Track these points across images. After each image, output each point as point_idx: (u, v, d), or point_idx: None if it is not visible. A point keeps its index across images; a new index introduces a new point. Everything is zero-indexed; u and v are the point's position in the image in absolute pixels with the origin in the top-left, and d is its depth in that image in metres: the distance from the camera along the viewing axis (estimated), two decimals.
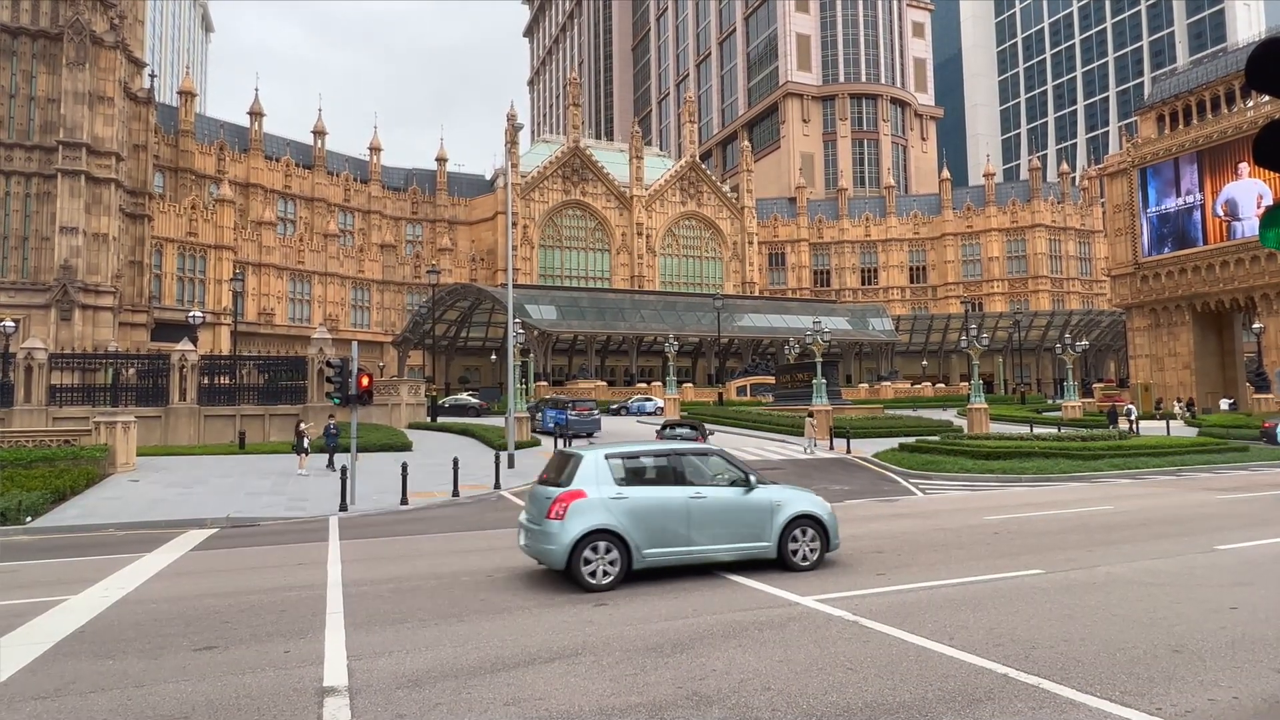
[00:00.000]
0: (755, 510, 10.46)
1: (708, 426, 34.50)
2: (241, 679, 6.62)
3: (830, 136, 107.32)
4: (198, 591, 10.21)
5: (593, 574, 9.59)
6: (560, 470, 10.41)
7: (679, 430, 31.24)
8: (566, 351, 74.42)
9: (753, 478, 10.78)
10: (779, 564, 10.48)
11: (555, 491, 9.97)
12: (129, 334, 51.96)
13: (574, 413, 37.58)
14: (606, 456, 10.28)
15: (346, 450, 23.69)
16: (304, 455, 24.00)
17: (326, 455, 25.59)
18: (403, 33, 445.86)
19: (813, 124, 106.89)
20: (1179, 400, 52.92)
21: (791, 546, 10.51)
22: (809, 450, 30.47)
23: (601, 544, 9.65)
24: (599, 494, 9.84)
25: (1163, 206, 57.46)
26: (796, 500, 10.83)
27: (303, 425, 24.99)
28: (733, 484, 10.66)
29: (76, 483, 20.05)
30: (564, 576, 10.04)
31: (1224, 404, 50.02)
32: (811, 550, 10.62)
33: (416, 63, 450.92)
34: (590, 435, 36.81)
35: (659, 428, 33.92)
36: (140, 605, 9.49)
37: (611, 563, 9.68)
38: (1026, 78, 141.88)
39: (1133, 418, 40.17)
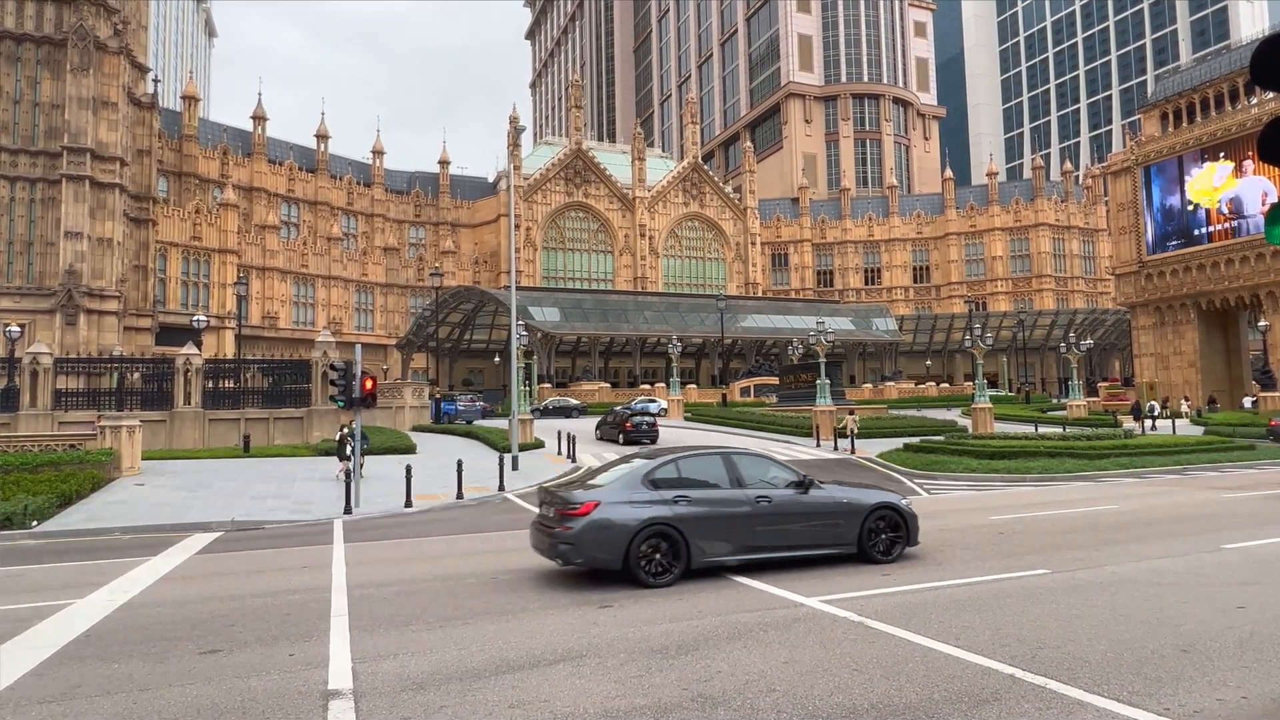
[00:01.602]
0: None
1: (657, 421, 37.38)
2: (246, 682, 6.62)
3: (833, 137, 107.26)
4: (203, 595, 10.22)
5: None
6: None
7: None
8: (570, 353, 74.45)
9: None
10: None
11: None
12: (133, 338, 52.13)
13: (461, 404, 48.15)
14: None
15: (366, 454, 23.70)
16: (347, 461, 22.79)
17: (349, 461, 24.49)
18: (404, 36, 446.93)
19: (815, 124, 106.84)
20: (1186, 399, 52.75)
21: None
22: (845, 449, 30.94)
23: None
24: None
25: (1167, 204, 57.31)
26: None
27: (344, 430, 23.52)
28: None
29: (82, 487, 20.10)
30: (570, 577, 10.00)
31: (1246, 402, 49.65)
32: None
33: (418, 66, 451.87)
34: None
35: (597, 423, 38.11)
36: (146, 609, 9.50)
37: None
38: (1029, 76, 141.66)
39: (1155, 414, 40.15)
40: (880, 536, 10.93)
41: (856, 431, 31.64)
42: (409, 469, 20.15)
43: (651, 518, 9.82)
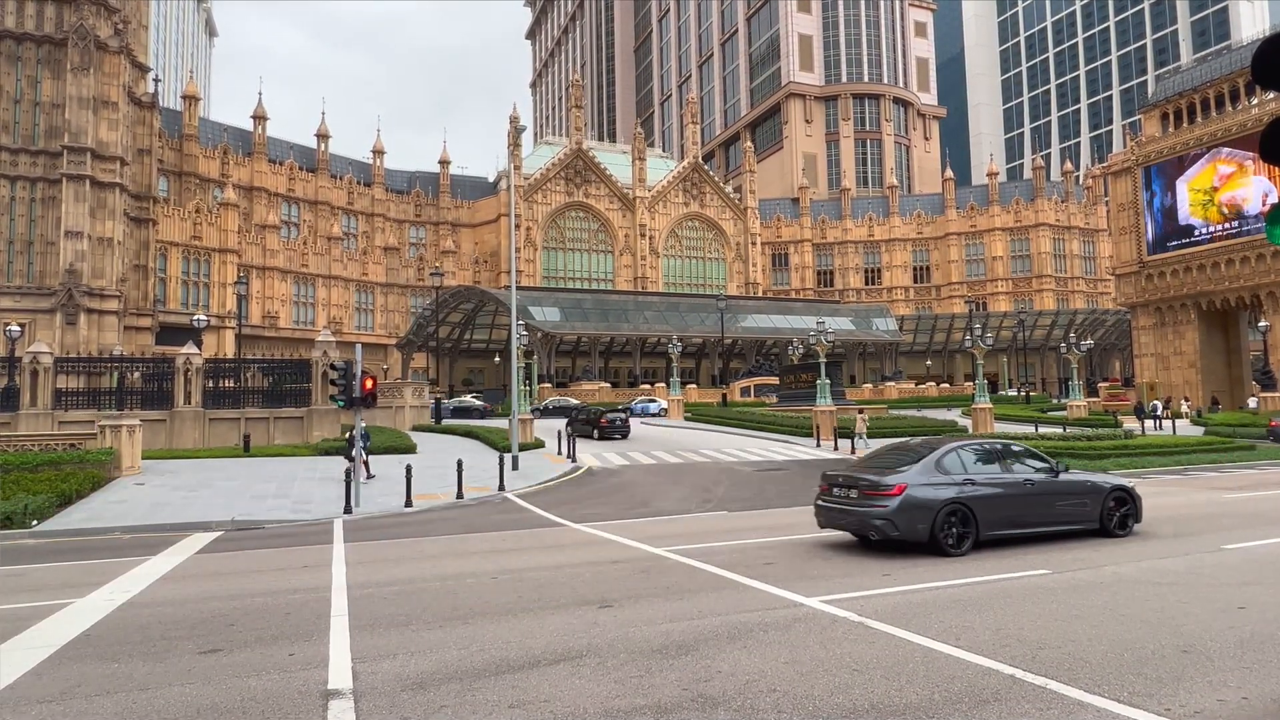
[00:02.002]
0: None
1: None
2: (246, 682, 6.61)
3: (833, 136, 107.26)
4: (203, 594, 10.22)
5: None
6: None
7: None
8: (570, 353, 74.45)
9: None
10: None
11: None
12: (134, 338, 52.14)
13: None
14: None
15: (371, 453, 23.53)
16: (365, 461, 22.57)
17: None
18: (404, 36, 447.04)
19: (815, 124, 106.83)
20: (1186, 399, 52.73)
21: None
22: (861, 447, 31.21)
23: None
24: None
25: (1167, 204, 57.29)
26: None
27: (362, 426, 22.66)
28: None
29: (82, 486, 20.10)
30: (571, 579, 9.97)
31: (1251, 402, 49.67)
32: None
33: (419, 66, 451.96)
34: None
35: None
36: (146, 608, 9.50)
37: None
38: (1029, 76, 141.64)
39: (1159, 413, 40.10)
40: (1115, 514, 12.54)
41: (865, 432, 31.75)
42: (409, 469, 20.15)
43: (951, 498, 11.29)
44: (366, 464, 22.84)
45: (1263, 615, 7.81)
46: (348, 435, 23.47)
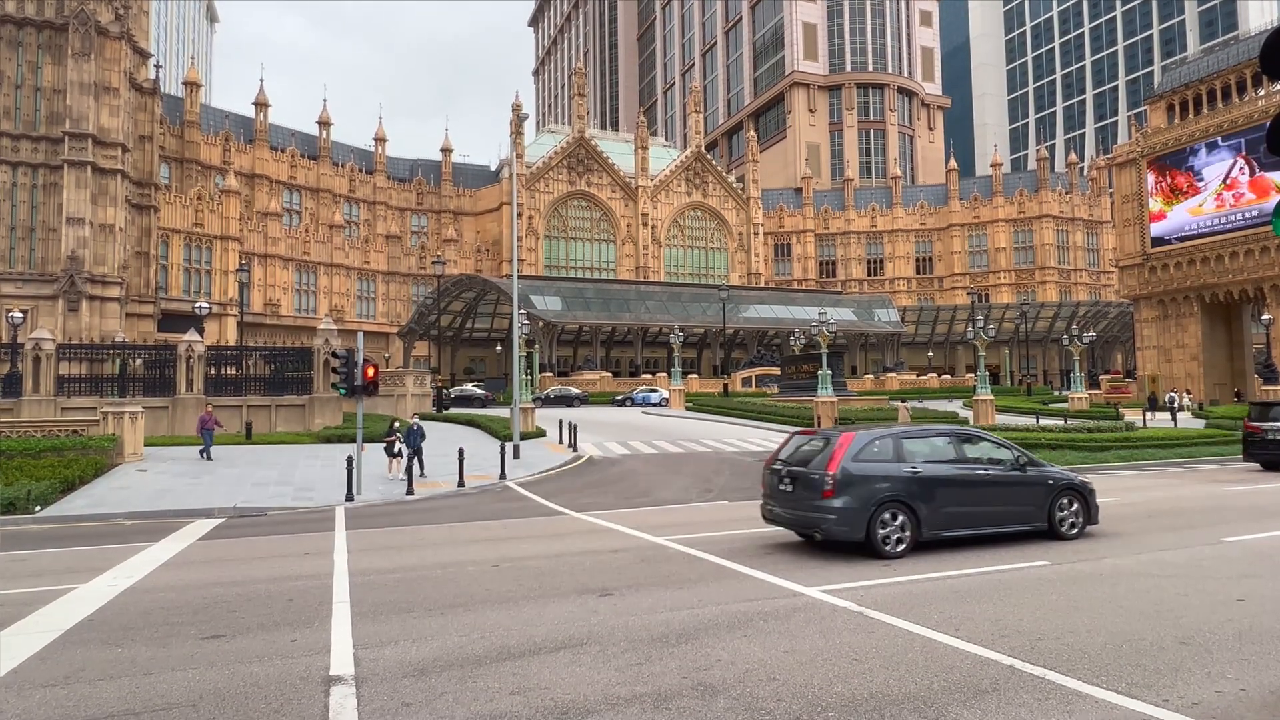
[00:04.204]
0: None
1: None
2: (249, 668, 6.65)
3: (836, 126, 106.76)
4: (205, 581, 10.26)
5: None
6: None
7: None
8: (572, 342, 74.44)
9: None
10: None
11: None
12: (136, 325, 52.16)
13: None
14: None
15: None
16: (395, 459, 21.81)
17: (404, 460, 21.59)
18: (406, 23, 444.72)
19: (819, 114, 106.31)
20: (1187, 392, 52.67)
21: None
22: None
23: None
24: None
25: (1172, 196, 57.04)
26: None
27: (396, 424, 22.15)
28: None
29: (85, 472, 20.16)
30: (569, 567, 10.02)
31: None
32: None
33: (420, 53, 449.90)
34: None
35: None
36: (148, 594, 9.55)
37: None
38: (1035, 67, 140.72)
39: (1174, 405, 39.98)
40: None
41: (909, 421, 32.02)
42: (411, 457, 20.18)
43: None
44: (420, 461, 21.45)
45: (1261, 608, 7.83)
46: (390, 429, 22.50)
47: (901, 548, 10.56)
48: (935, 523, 10.85)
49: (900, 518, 10.62)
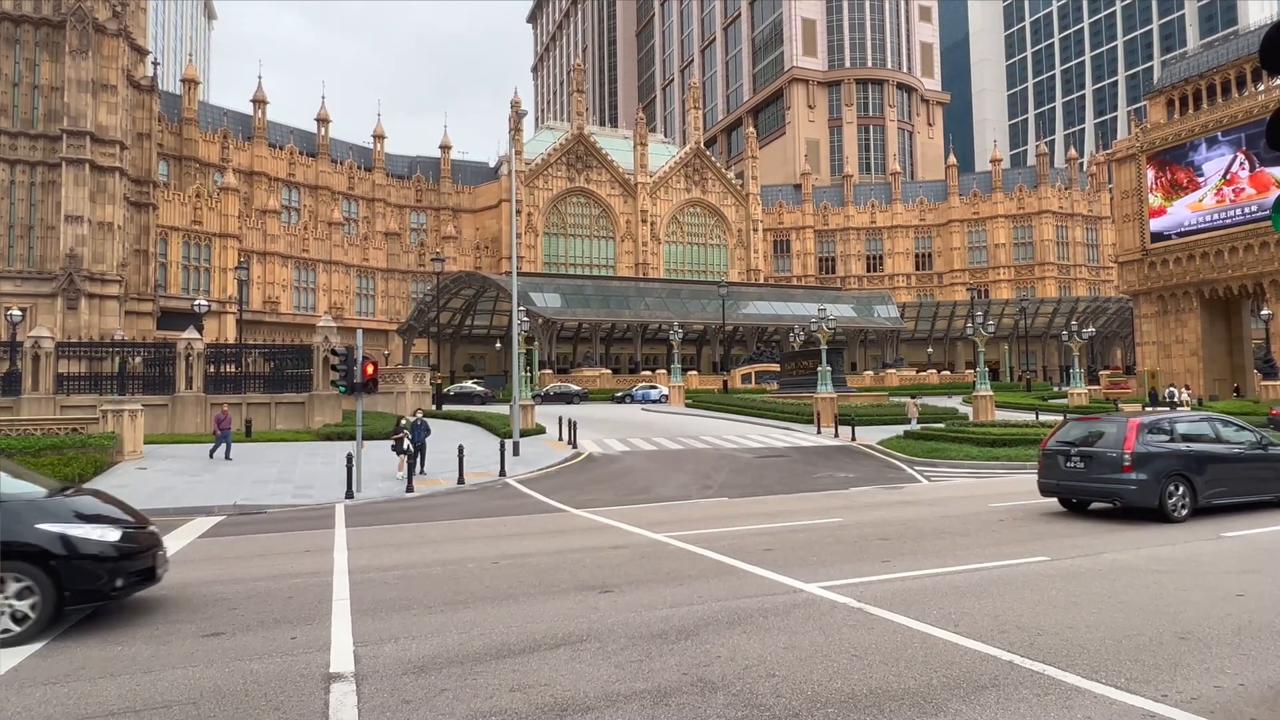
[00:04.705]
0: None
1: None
2: (249, 665, 6.65)
3: (836, 122, 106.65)
4: (205, 578, 10.27)
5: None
6: None
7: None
8: (571, 339, 74.44)
9: None
10: None
11: None
12: (135, 323, 52.14)
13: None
14: None
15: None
16: (404, 457, 21.26)
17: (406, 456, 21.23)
18: (404, 20, 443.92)
19: (818, 110, 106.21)
20: (1186, 388, 52.66)
21: None
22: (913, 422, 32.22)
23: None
24: None
25: (1171, 191, 56.99)
26: None
27: (403, 421, 21.79)
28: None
29: (84, 470, 20.17)
30: (569, 565, 10.02)
31: None
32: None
33: (419, 50, 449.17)
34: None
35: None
36: (147, 592, 9.54)
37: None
38: (1034, 62, 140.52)
39: (1174, 400, 39.95)
40: None
41: (917, 417, 32.29)
42: (411, 453, 20.19)
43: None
44: (422, 458, 21.29)
45: (1260, 603, 7.83)
46: (399, 426, 22.12)
47: (1185, 513, 12.54)
48: (1207, 493, 12.80)
49: (1182, 488, 12.63)
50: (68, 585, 7.53)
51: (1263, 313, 51.21)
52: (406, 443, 21.07)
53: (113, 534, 7.89)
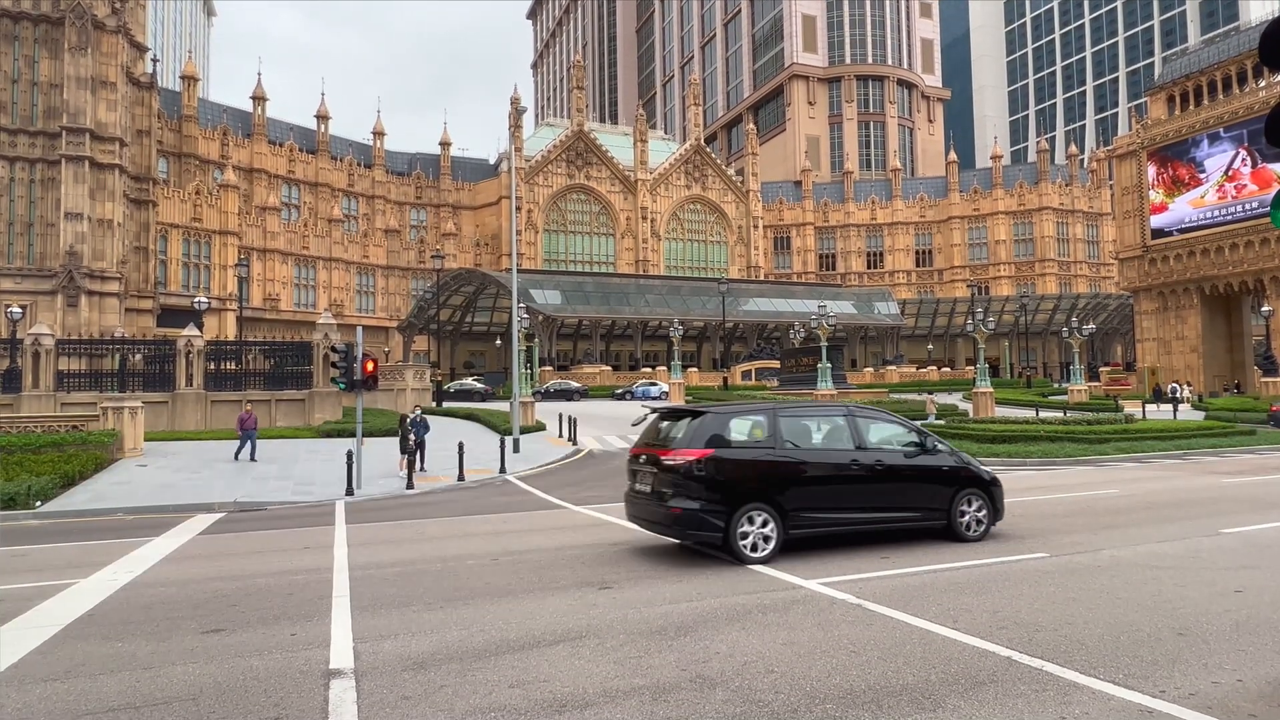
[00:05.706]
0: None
1: None
2: (249, 661, 6.67)
3: (836, 119, 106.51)
4: (205, 575, 10.28)
5: None
6: None
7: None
8: (571, 336, 74.42)
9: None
10: None
11: None
12: (135, 320, 52.15)
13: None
14: None
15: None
16: (406, 456, 20.44)
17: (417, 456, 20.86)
18: (403, 16, 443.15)
19: (818, 106, 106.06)
20: (1188, 384, 52.67)
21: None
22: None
23: None
24: None
25: (1172, 188, 56.94)
26: None
27: (410, 416, 21.19)
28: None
29: (85, 467, 20.18)
30: (569, 560, 10.05)
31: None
32: None
33: (418, 47, 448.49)
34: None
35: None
36: (149, 589, 9.56)
37: None
38: (1035, 58, 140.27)
39: (1177, 396, 39.99)
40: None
41: (935, 413, 32.74)
42: (411, 450, 20.18)
43: None
44: (422, 455, 20.87)
45: (1259, 599, 7.84)
46: (402, 422, 21.54)
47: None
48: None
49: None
50: None
51: (1263, 309, 51.20)
52: (411, 441, 20.75)
53: None
